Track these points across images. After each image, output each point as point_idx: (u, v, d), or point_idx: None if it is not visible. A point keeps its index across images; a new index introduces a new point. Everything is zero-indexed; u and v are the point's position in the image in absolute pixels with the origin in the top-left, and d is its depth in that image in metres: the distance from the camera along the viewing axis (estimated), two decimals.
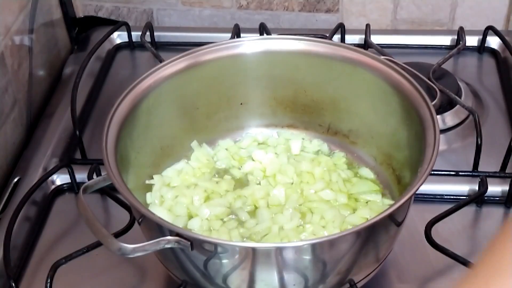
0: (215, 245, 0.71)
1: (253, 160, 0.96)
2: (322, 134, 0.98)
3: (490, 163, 1.00)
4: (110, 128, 0.81)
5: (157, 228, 0.73)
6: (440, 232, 0.90)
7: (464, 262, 0.83)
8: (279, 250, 0.71)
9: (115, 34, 1.29)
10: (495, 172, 0.98)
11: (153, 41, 1.27)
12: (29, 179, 1.01)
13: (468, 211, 0.95)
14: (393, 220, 0.76)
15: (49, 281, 0.82)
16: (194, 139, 0.96)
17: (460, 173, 0.99)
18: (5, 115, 1.07)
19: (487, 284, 0.52)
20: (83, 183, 0.82)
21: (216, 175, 0.95)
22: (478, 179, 0.96)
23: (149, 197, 0.89)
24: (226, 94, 0.96)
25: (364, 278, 0.79)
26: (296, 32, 1.23)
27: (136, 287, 0.88)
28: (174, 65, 0.90)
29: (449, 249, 0.85)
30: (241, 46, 0.93)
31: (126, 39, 1.30)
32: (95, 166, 0.98)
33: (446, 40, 1.26)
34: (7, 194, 1.00)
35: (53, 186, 1.02)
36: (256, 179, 0.93)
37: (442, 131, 1.06)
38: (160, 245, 0.70)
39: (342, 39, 1.23)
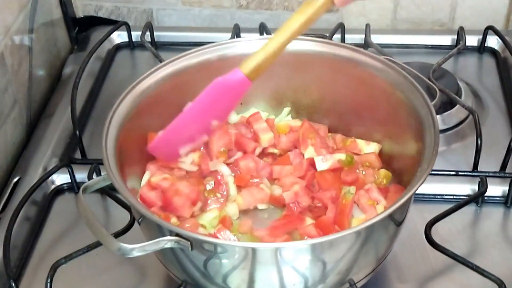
0: (215, 245, 0.71)
1: None
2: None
3: (490, 163, 1.00)
4: (110, 128, 0.81)
5: (157, 228, 0.73)
6: (440, 232, 0.90)
7: (464, 262, 0.83)
8: (279, 250, 0.71)
9: (115, 34, 1.29)
10: (495, 172, 0.98)
11: (153, 41, 1.27)
12: (29, 179, 1.01)
13: (468, 211, 0.95)
14: (393, 220, 0.76)
15: (49, 281, 0.82)
16: None
17: (460, 173, 0.99)
18: (5, 115, 1.07)
19: None
20: (83, 183, 0.82)
21: None
22: (478, 179, 0.96)
23: None
24: None
25: (364, 278, 0.79)
26: None
27: (136, 287, 0.88)
28: (174, 65, 0.90)
29: (449, 249, 0.85)
30: (241, 46, 0.93)
31: (126, 39, 1.30)
32: (95, 166, 0.98)
33: (446, 40, 1.25)
34: (7, 194, 1.00)
35: (53, 186, 1.02)
36: None
37: (442, 131, 1.06)
38: (160, 245, 0.70)
39: (342, 39, 1.23)
